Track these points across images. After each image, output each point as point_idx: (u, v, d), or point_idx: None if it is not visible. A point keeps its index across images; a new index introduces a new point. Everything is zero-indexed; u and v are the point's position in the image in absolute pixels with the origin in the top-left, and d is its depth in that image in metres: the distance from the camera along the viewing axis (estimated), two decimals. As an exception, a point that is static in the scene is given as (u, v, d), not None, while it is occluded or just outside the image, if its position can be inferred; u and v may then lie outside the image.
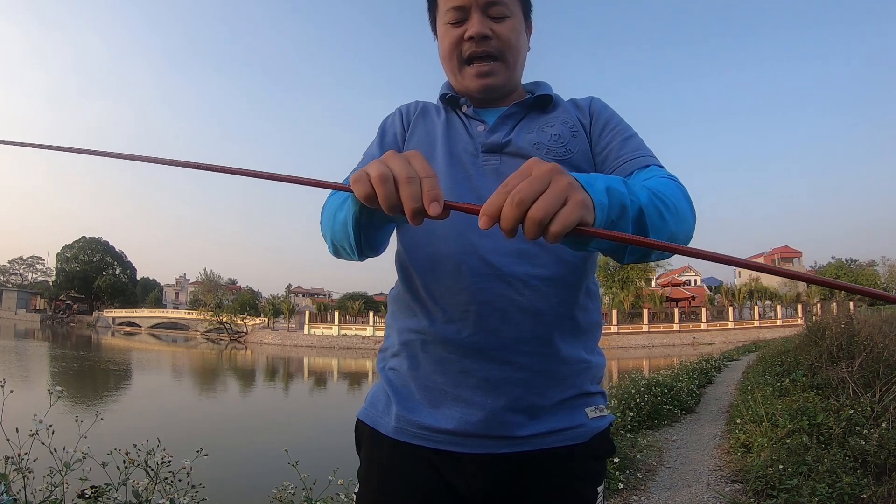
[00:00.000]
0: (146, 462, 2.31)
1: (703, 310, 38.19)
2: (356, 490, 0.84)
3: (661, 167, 0.80)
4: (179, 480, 2.37)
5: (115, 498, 2.14)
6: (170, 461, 2.37)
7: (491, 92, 0.89)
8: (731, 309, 38.30)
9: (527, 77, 0.96)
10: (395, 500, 0.79)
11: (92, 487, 2.22)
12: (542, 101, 0.90)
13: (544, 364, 0.78)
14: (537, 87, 0.94)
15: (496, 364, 0.76)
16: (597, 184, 0.55)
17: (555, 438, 0.78)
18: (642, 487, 3.63)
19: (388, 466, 0.81)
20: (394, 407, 0.82)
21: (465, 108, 0.90)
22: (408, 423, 0.80)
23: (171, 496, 2.22)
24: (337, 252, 0.77)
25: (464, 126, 0.89)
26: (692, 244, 0.66)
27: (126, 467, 2.23)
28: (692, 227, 0.69)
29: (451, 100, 0.92)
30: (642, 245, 0.48)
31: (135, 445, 2.35)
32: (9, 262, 73.98)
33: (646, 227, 0.60)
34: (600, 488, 0.83)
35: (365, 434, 0.86)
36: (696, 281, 58.07)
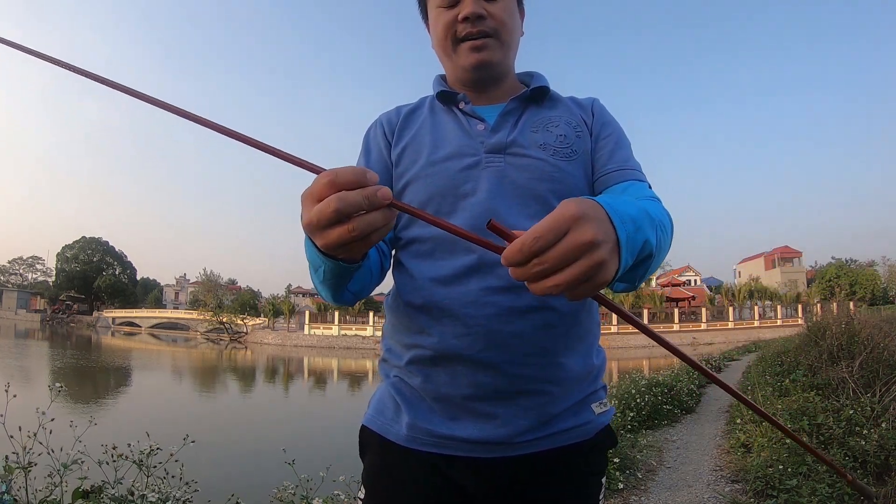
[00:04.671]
0: (140, 461, 2.32)
1: (703, 310, 38.22)
2: (361, 496, 0.83)
3: (643, 181, 0.82)
4: (172, 477, 2.39)
5: (112, 494, 2.15)
6: (159, 450, 2.39)
7: (486, 69, 0.86)
8: (731, 309, 38.32)
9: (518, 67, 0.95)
10: None
11: (91, 486, 2.24)
12: (538, 94, 0.88)
13: (555, 374, 0.78)
14: (530, 77, 0.92)
15: (509, 378, 0.76)
16: (637, 237, 0.54)
17: (564, 437, 0.79)
18: (642, 487, 3.63)
19: (397, 473, 0.80)
20: (405, 416, 0.80)
21: (462, 105, 0.87)
22: (420, 431, 0.79)
23: (164, 492, 2.24)
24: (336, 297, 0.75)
25: (461, 125, 0.86)
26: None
27: (114, 460, 2.25)
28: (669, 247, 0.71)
29: (447, 96, 0.89)
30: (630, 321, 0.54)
31: (129, 445, 2.37)
32: (9, 262, 74.22)
33: (650, 267, 0.62)
34: (603, 479, 0.84)
35: (372, 441, 0.84)
36: (696, 281, 58.07)
